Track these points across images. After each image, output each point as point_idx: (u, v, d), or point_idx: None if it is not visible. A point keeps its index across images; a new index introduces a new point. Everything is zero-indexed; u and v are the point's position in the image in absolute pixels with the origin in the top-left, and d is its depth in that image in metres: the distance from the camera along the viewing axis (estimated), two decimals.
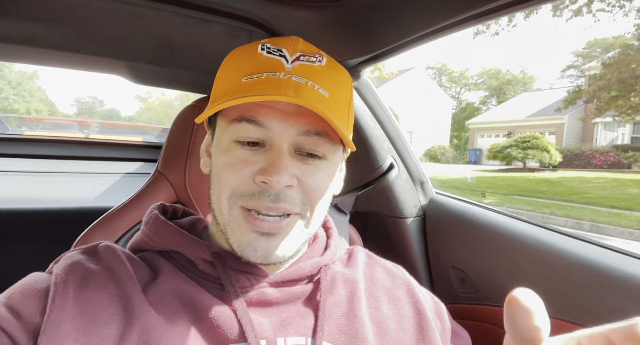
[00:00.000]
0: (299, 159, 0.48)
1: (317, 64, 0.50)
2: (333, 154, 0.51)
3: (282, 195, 0.46)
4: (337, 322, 0.51)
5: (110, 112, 46.03)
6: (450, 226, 0.97)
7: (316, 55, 0.51)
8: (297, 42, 0.52)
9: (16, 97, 30.82)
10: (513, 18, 10.76)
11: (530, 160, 14.29)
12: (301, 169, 0.48)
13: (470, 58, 77.56)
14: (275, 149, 0.47)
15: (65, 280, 0.45)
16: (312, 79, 0.48)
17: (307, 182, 0.48)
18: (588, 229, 6.49)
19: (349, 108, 0.53)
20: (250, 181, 0.47)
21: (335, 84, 0.51)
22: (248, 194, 0.47)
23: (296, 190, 0.48)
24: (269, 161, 0.46)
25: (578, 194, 9.07)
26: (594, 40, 23.91)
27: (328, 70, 0.51)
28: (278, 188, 0.46)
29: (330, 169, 0.51)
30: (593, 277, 0.69)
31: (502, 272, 0.84)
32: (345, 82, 0.54)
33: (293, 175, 0.47)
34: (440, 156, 22.36)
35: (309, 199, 0.49)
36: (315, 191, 0.49)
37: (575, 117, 19.51)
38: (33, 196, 1.44)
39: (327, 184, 0.51)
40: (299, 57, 0.50)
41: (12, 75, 30.85)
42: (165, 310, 0.46)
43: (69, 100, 76.69)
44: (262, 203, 0.46)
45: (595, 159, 15.39)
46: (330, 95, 0.49)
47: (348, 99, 0.54)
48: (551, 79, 74.19)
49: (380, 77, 14.62)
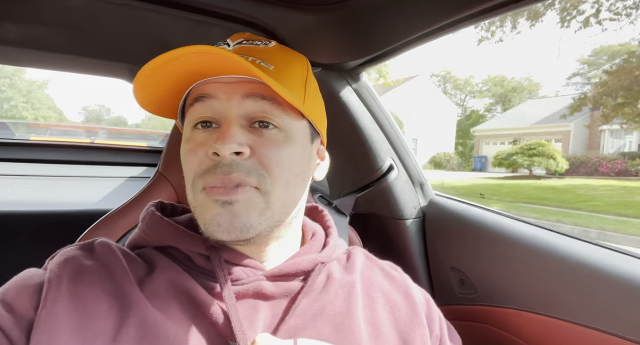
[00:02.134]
0: (250, 130, 0.48)
1: (261, 45, 0.51)
2: (291, 125, 0.50)
3: (234, 164, 0.45)
4: (332, 320, 0.51)
5: (116, 120, 46.51)
6: (450, 227, 0.97)
7: (262, 40, 0.52)
8: (243, 33, 0.54)
9: (25, 104, 31.28)
10: (517, 24, 10.78)
11: (536, 167, 14.20)
12: (253, 139, 0.47)
13: (475, 65, 77.71)
14: (224, 123, 0.47)
15: (59, 275, 0.45)
16: (253, 55, 0.49)
17: (262, 151, 0.47)
18: (595, 236, 6.41)
19: (305, 83, 0.53)
20: (205, 158, 0.47)
21: (282, 59, 0.51)
22: (205, 170, 0.46)
23: (251, 160, 0.46)
24: (219, 134, 0.46)
25: (585, 202, 8.98)
26: (599, 47, 23.84)
27: (275, 49, 0.52)
28: (227, 156, 0.45)
29: (292, 142, 0.50)
30: (593, 277, 0.69)
31: (501, 273, 0.83)
32: (297, 59, 0.54)
33: (243, 144, 0.46)
34: (445, 163, 22.28)
35: (267, 170, 0.47)
36: (272, 160, 0.47)
37: (581, 124, 19.40)
38: (37, 199, 1.46)
39: (288, 157, 0.49)
40: (241, 41, 0.52)
41: (23, 83, 31.37)
42: (162, 303, 0.46)
43: (77, 108, 77.69)
44: (215, 176, 0.45)
45: (602, 166, 15.25)
46: (275, 67, 0.49)
47: (302, 73, 0.53)
48: (557, 86, 74.07)
49: (385, 85, 14.66)
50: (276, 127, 0.49)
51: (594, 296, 0.68)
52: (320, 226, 0.63)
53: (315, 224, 0.63)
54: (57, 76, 59.20)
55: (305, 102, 0.52)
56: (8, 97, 30.49)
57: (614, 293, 0.66)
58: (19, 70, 28.98)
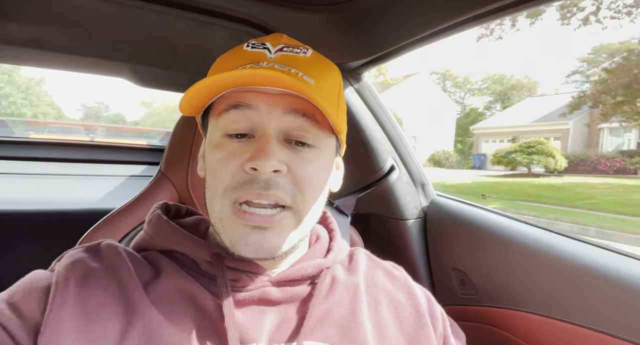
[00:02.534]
0: (287, 146, 0.47)
1: (301, 54, 0.50)
2: (324, 143, 0.50)
3: (271, 181, 0.45)
4: (338, 323, 0.51)
5: (115, 117, 46.37)
6: (451, 228, 0.97)
7: (300, 48, 0.51)
8: (281, 36, 0.53)
9: (24, 101, 31.19)
10: (516, 22, 10.76)
11: (535, 165, 14.22)
12: (290, 156, 0.47)
13: (474, 63, 77.57)
14: (263, 136, 0.46)
15: (66, 278, 0.45)
16: (295, 67, 0.48)
17: (297, 171, 0.47)
18: (594, 234, 6.43)
19: (338, 97, 0.53)
20: (240, 171, 0.46)
21: (321, 72, 0.51)
22: (239, 184, 0.46)
23: (286, 178, 0.46)
24: (257, 147, 0.45)
25: (583, 200, 9.00)
26: (599, 45, 23.83)
27: (313, 60, 0.51)
28: (267, 172, 0.45)
29: (322, 159, 0.50)
30: (594, 278, 0.69)
31: (502, 274, 0.84)
32: (333, 72, 0.54)
33: (282, 161, 0.46)
34: (444, 161, 22.30)
35: (300, 189, 0.47)
36: (306, 181, 0.47)
37: (580, 122, 19.40)
38: (38, 198, 1.45)
39: (318, 175, 0.49)
40: (281, 48, 0.50)
41: (21, 80, 31.25)
42: (166, 308, 0.46)
43: (75, 105, 77.39)
44: (252, 191, 0.45)
45: (601, 165, 15.28)
46: (315, 82, 0.49)
47: (336, 88, 0.53)
48: (556, 84, 74.11)
49: (385, 83, 14.63)
50: (311, 146, 0.49)
51: (595, 297, 0.68)
52: (324, 229, 0.63)
53: (319, 226, 0.63)
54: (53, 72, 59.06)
55: (338, 117, 0.51)
56: (7, 94, 30.40)
57: (615, 294, 0.66)
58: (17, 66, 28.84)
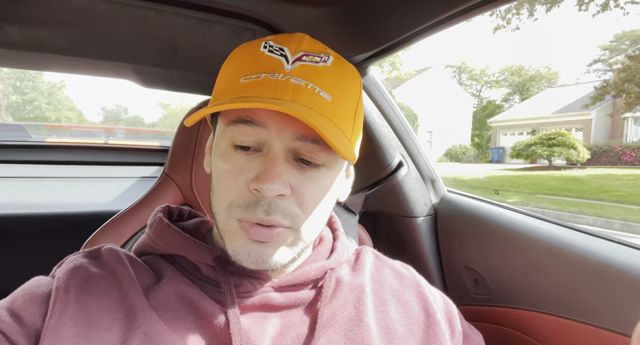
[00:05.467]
0: (295, 165, 0.46)
1: (320, 64, 0.48)
2: (333, 161, 0.48)
3: (274, 205, 0.44)
4: (342, 327, 0.50)
5: (134, 119, 47.39)
6: (463, 225, 0.94)
7: (321, 55, 0.48)
8: (301, 40, 0.49)
9: (48, 105, 32.25)
10: (534, 11, 10.45)
11: (556, 158, 13.86)
12: (296, 176, 0.46)
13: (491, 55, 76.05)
14: (270, 154, 0.45)
15: (67, 284, 0.45)
16: (312, 81, 0.46)
17: (301, 192, 0.46)
18: (619, 227, 6.22)
19: (355, 112, 0.50)
20: (245, 189, 0.45)
21: (339, 85, 0.48)
22: (244, 204, 0.45)
23: (289, 200, 0.45)
24: (263, 167, 0.44)
25: (607, 192, 8.72)
26: (621, 32, 22.96)
27: (333, 70, 0.48)
28: (270, 196, 0.44)
29: (330, 177, 0.48)
30: (615, 277, 0.65)
31: (516, 272, 0.80)
32: (352, 83, 0.51)
33: (287, 184, 0.45)
34: (461, 155, 21.96)
35: (302, 209, 0.46)
36: (309, 202, 0.47)
37: (603, 112, 18.79)
38: (50, 201, 1.48)
39: (323, 194, 0.48)
40: (300, 56, 0.47)
41: (44, 85, 32.30)
42: (167, 315, 0.46)
43: (95, 108, 79.49)
44: (255, 215, 0.44)
45: (626, 155, 14.78)
46: (332, 98, 0.46)
47: (354, 101, 0.51)
48: (577, 74, 71.90)
49: (398, 77, 14.48)
50: (320, 165, 0.47)
51: (616, 297, 0.64)
52: (327, 228, 0.61)
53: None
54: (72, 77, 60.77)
55: (353, 133, 0.49)
56: (32, 99, 31.48)
57: (636, 294, 0.62)
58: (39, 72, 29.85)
